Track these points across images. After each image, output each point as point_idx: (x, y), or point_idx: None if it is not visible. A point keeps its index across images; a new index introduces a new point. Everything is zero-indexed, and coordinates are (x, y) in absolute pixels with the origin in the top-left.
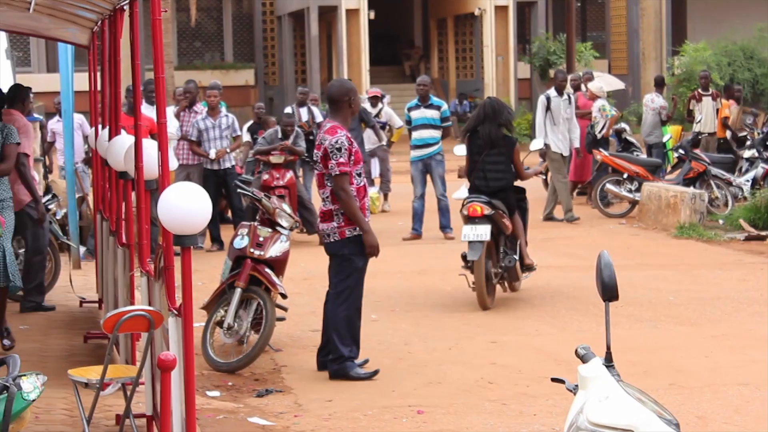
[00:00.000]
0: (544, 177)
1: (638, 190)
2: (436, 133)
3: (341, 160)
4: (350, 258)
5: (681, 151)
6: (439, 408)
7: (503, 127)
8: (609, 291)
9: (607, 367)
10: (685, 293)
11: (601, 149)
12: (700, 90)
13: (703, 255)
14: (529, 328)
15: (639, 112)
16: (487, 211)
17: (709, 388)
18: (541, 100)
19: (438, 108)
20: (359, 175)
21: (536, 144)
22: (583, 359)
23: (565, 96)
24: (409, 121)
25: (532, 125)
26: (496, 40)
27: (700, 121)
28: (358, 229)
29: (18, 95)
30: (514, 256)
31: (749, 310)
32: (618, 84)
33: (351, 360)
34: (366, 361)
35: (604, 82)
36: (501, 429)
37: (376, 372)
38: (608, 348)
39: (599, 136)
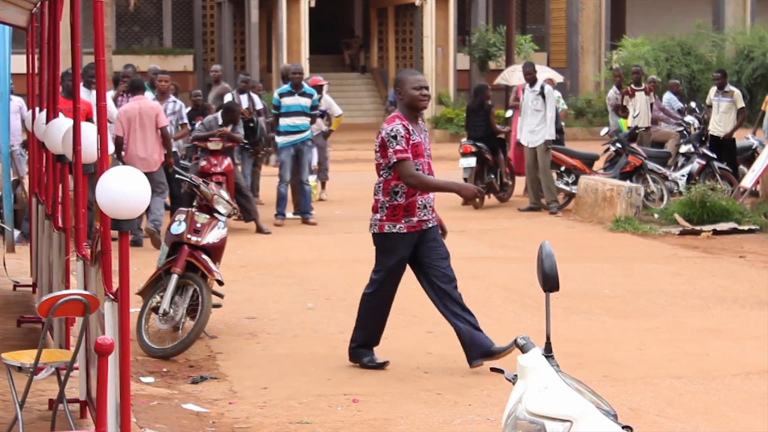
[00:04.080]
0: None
1: (575, 183)
2: (307, 121)
3: (398, 147)
4: (385, 253)
5: (618, 145)
6: (374, 397)
7: (484, 99)
8: (550, 281)
9: (546, 357)
10: (620, 286)
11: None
12: (632, 85)
13: (638, 248)
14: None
15: (577, 105)
16: (474, 149)
17: (642, 381)
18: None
19: (310, 96)
20: (417, 170)
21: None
22: (523, 349)
23: (537, 88)
24: (278, 107)
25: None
26: (437, 31)
27: (637, 116)
28: (398, 227)
29: None
30: (492, 176)
31: (683, 304)
32: (557, 77)
33: (365, 346)
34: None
35: (543, 74)
36: (436, 418)
37: (386, 362)
38: (548, 338)
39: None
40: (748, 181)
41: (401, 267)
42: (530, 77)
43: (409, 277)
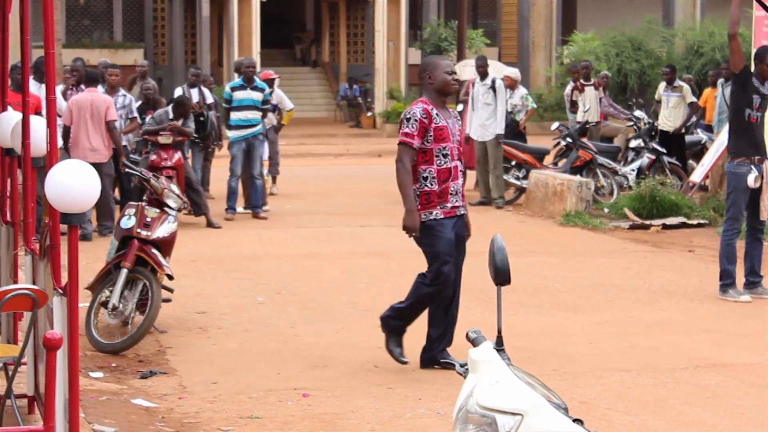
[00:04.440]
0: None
1: (526, 177)
2: (259, 115)
3: (406, 130)
4: (427, 242)
5: (568, 139)
6: (324, 391)
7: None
8: (501, 275)
9: (497, 350)
10: (570, 280)
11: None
12: (582, 81)
13: (588, 243)
14: None
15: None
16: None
17: (592, 374)
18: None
19: (262, 90)
20: (444, 155)
21: None
22: (474, 343)
23: (488, 82)
24: (229, 101)
25: None
26: (388, 25)
27: (587, 111)
28: (434, 213)
29: None
30: None
31: (633, 298)
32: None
33: (393, 340)
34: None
35: (495, 69)
36: (386, 413)
37: (405, 362)
38: (499, 332)
39: (521, 125)
40: (697, 176)
41: (453, 250)
42: (482, 71)
43: (359, 270)
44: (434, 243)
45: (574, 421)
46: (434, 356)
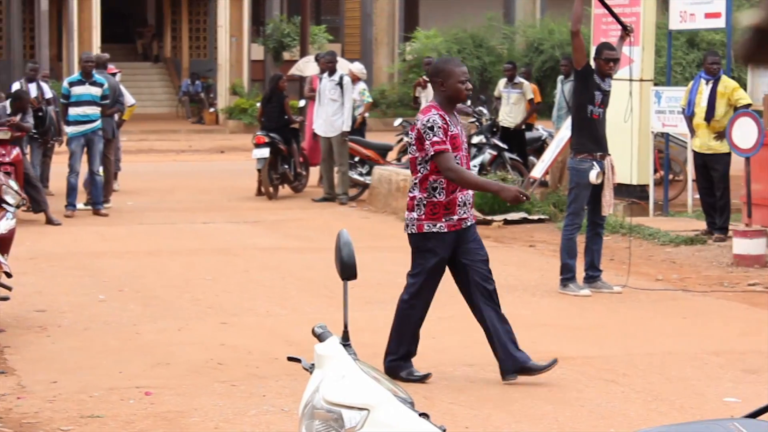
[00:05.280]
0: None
1: (369, 173)
2: (98, 110)
3: (435, 139)
4: (423, 254)
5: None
6: (167, 389)
7: (278, 89)
8: (348, 270)
9: (344, 345)
10: None
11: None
12: (425, 77)
13: None
14: (260, 309)
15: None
16: (268, 139)
17: (436, 369)
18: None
19: (101, 86)
20: (457, 164)
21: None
22: (320, 338)
23: (335, 78)
24: (67, 96)
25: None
26: (231, 20)
27: None
28: (438, 225)
29: None
30: (286, 166)
31: None
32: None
33: (403, 359)
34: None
35: (349, 69)
36: (230, 410)
37: (428, 375)
38: (345, 327)
39: (358, 120)
40: (537, 172)
41: (441, 269)
42: (330, 66)
43: (203, 267)
44: (427, 258)
45: (420, 415)
46: (397, 368)
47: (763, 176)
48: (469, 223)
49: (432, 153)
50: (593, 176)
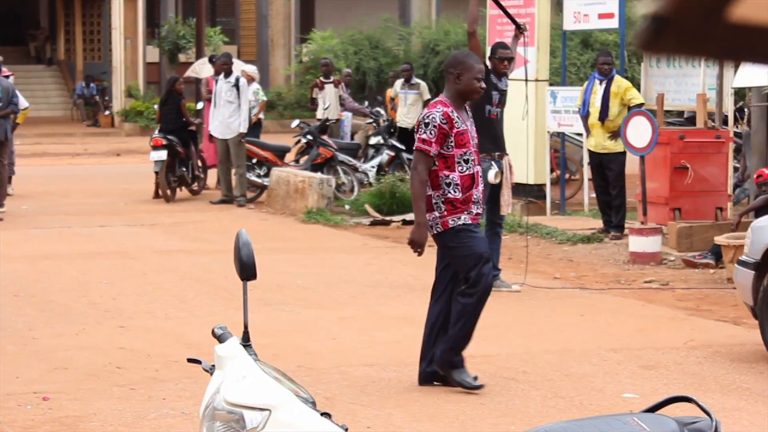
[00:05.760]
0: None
1: (267, 175)
2: None
3: (423, 136)
4: (461, 247)
5: (309, 137)
6: (65, 394)
7: (175, 91)
8: (247, 270)
9: (244, 346)
10: (313, 277)
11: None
12: (322, 78)
13: (330, 239)
14: (158, 312)
15: (268, 98)
16: (165, 141)
17: (336, 369)
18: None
19: None
20: (466, 161)
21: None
22: (220, 339)
23: (232, 79)
24: None
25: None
26: (125, 22)
27: (327, 108)
28: (462, 218)
29: None
30: (183, 168)
31: (375, 293)
32: (255, 74)
33: (459, 358)
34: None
35: (241, 69)
36: (129, 414)
37: (481, 386)
38: (245, 327)
39: (253, 119)
40: None
41: (488, 248)
42: (226, 68)
43: (100, 271)
44: (471, 243)
45: (322, 415)
46: (452, 362)
47: (657, 175)
48: (480, 220)
49: (414, 147)
50: (492, 176)
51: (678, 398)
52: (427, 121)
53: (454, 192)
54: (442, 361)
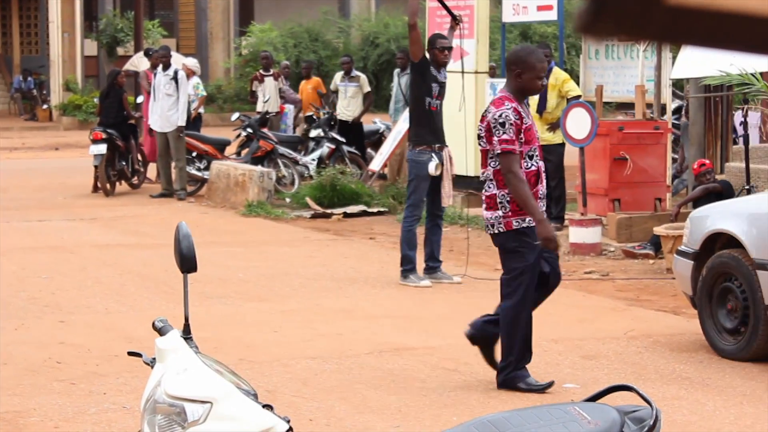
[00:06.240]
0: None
1: (207, 168)
2: None
3: (504, 136)
4: (520, 252)
5: (249, 130)
6: (4, 389)
7: (115, 85)
8: (188, 262)
9: (185, 339)
10: (254, 270)
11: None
12: (261, 71)
13: (271, 232)
14: (98, 307)
15: (207, 91)
16: (105, 135)
17: (278, 362)
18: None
19: None
20: (531, 156)
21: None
22: (161, 332)
23: (170, 72)
24: None
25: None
26: (62, 16)
27: (267, 101)
28: (527, 219)
29: None
30: (123, 162)
31: (316, 285)
32: (196, 68)
33: (520, 368)
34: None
35: (175, 61)
36: (70, 409)
37: (551, 384)
38: (186, 320)
39: (193, 114)
40: (376, 165)
41: (538, 262)
42: (164, 61)
43: (38, 265)
44: (524, 254)
45: (264, 407)
46: (514, 378)
47: (597, 166)
48: (546, 215)
49: (498, 151)
50: (432, 168)
51: (619, 387)
52: (502, 120)
53: None
54: (504, 382)
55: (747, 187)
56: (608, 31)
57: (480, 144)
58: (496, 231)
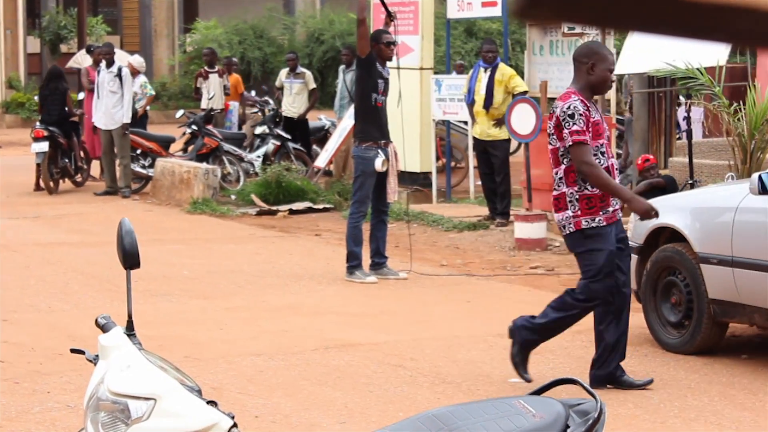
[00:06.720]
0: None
1: (152, 165)
2: None
3: (575, 128)
4: (591, 253)
5: (194, 127)
6: None
7: (59, 82)
8: (131, 258)
9: (128, 335)
10: (200, 267)
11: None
12: (206, 68)
13: (216, 229)
14: (42, 305)
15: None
16: (47, 133)
17: (223, 360)
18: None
19: None
20: (602, 153)
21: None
22: (104, 329)
23: (114, 69)
24: None
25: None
26: (5, 13)
27: (212, 98)
28: (597, 219)
29: None
30: (66, 160)
31: (262, 283)
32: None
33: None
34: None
35: (119, 58)
36: (13, 408)
37: (650, 381)
38: (129, 316)
39: (139, 112)
40: (321, 161)
41: (613, 263)
42: (108, 58)
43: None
44: (594, 256)
45: (208, 403)
46: (611, 374)
47: (541, 161)
48: (620, 214)
49: (570, 143)
50: (378, 164)
51: (563, 380)
52: (571, 112)
53: (591, 187)
54: (518, 328)
55: (690, 181)
56: (546, 16)
57: (550, 143)
58: (567, 232)
